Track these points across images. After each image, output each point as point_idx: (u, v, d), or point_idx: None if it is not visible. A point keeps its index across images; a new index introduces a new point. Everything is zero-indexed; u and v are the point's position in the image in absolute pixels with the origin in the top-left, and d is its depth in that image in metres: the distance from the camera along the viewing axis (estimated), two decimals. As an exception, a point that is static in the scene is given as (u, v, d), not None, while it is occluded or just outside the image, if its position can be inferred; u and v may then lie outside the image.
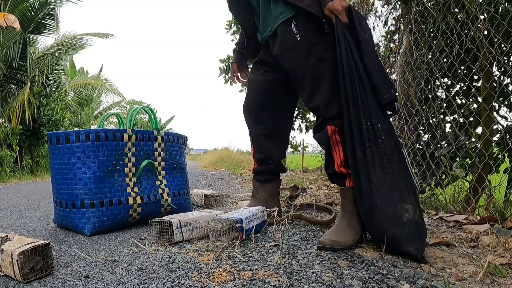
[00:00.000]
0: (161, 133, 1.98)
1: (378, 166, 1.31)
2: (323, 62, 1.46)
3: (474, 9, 1.92)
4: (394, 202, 1.29)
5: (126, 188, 1.79)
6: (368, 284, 1.00)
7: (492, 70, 1.93)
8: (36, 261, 1.13)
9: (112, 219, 1.72)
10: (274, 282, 1.01)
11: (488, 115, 1.86)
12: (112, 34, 9.99)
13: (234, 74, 1.98)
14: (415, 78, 2.37)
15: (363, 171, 1.33)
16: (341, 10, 1.37)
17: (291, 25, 1.48)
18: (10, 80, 8.55)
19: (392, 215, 1.28)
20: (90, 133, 1.70)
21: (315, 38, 1.46)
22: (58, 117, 9.42)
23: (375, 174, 1.31)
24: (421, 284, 1.00)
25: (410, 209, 1.28)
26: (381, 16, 3.01)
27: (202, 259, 1.21)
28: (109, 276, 1.11)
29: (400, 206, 1.28)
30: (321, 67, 1.46)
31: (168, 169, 2.03)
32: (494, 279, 1.06)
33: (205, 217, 1.57)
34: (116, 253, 1.36)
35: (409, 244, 1.23)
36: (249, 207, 1.65)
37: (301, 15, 1.46)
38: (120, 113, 3.47)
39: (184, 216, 1.53)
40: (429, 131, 2.39)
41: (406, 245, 1.23)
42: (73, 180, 1.69)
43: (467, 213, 1.80)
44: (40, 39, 9.32)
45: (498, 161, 2.05)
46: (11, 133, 8.17)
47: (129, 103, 25.31)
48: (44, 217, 2.30)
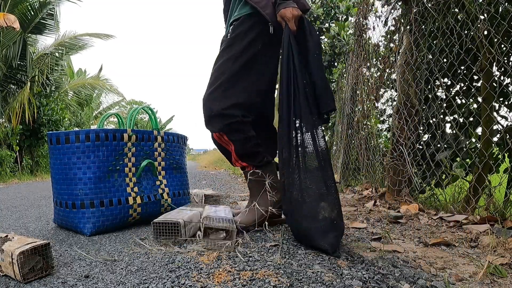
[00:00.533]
0: (161, 133, 1.98)
1: (302, 166, 1.40)
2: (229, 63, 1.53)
3: (474, 9, 1.92)
4: (312, 199, 1.37)
5: (126, 188, 1.79)
6: (368, 284, 1.00)
7: (492, 70, 1.93)
8: (36, 261, 1.13)
9: (112, 219, 1.72)
10: (274, 282, 1.01)
11: (488, 115, 1.86)
12: (112, 35, 10.00)
13: None
14: (415, 78, 2.37)
15: (287, 169, 1.42)
16: (291, 18, 1.44)
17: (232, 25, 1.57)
18: (10, 80, 8.55)
19: (310, 211, 1.36)
20: (90, 133, 1.70)
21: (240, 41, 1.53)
22: (58, 117, 9.42)
23: (298, 172, 1.40)
24: (421, 284, 1.00)
25: (327, 207, 1.35)
26: (381, 16, 3.01)
27: (202, 259, 1.21)
28: (109, 276, 1.11)
29: (317, 203, 1.36)
30: (224, 68, 1.53)
31: (168, 169, 2.03)
32: (494, 279, 1.06)
33: (196, 215, 1.59)
34: (116, 253, 1.36)
35: (322, 239, 1.30)
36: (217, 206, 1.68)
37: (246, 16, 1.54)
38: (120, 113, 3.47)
39: (184, 215, 1.53)
40: (429, 131, 2.39)
41: (318, 240, 1.30)
42: (73, 180, 1.69)
43: (467, 213, 1.80)
44: (40, 39, 9.33)
45: (498, 161, 2.05)
46: (11, 133, 8.17)
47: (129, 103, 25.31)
48: (44, 217, 2.30)
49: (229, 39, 1.55)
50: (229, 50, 1.54)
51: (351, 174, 3.81)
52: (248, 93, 1.54)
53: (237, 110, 1.52)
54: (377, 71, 3.29)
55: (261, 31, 1.53)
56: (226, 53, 1.54)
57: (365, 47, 3.35)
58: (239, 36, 1.53)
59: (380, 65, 3.14)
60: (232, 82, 1.52)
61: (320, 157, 1.40)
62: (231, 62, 1.52)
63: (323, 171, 1.40)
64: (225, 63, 1.53)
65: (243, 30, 1.53)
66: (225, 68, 1.53)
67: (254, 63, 1.54)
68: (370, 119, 3.30)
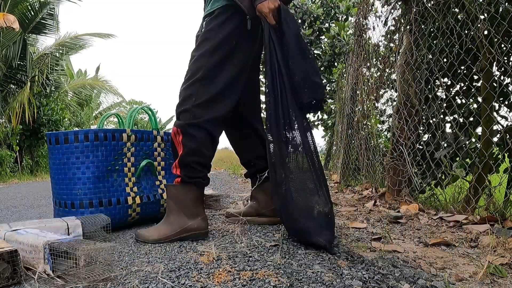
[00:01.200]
0: (160, 133, 1.98)
1: (293, 161, 1.40)
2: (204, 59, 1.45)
3: (474, 9, 1.92)
4: (306, 195, 1.36)
5: (125, 188, 1.78)
6: (368, 284, 1.00)
7: (492, 70, 1.93)
8: (4, 269, 1.04)
9: (111, 219, 1.71)
10: (274, 282, 1.01)
11: (488, 115, 1.86)
12: (113, 34, 10.02)
13: None
14: (415, 78, 2.36)
15: (278, 165, 1.39)
16: (268, 12, 1.38)
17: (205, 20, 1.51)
18: (10, 80, 8.55)
19: (304, 207, 1.35)
20: (89, 133, 1.70)
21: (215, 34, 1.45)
22: (58, 117, 9.42)
23: (290, 168, 1.39)
24: (421, 284, 1.00)
25: (321, 202, 1.36)
26: (381, 16, 3.00)
27: (202, 259, 1.21)
28: (109, 273, 1.11)
29: (311, 199, 1.36)
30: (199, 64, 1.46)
31: (168, 169, 2.03)
32: (494, 279, 1.06)
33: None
34: (116, 253, 1.36)
35: (318, 235, 1.30)
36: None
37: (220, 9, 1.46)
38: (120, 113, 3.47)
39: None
40: (429, 131, 2.39)
41: (315, 236, 1.30)
42: (72, 180, 1.69)
43: (467, 213, 1.80)
44: (41, 39, 9.34)
45: (498, 161, 2.05)
46: (11, 133, 8.17)
47: (129, 103, 25.31)
48: (44, 217, 2.30)
49: (203, 33, 1.48)
50: (204, 45, 1.47)
51: (351, 174, 3.81)
52: (223, 90, 1.48)
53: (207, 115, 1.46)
54: (377, 71, 3.29)
55: (237, 25, 1.46)
56: (201, 48, 1.47)
57: (365, 47, 3.35)
58: (213, 30, 1.45)
59: (380, 65, 3.14)
60: (207, 79, 1.46)
61: (311, 152, 1.40)
62: (206, 58, 1.45)
63: (314, 165, 1.40)
64: (200, 59, 1.47)
65: (217, 24, 1.45)
66: (200, 64, 1.46)
67: (230, 59, 1.47)
68: (370, 119, 3.30)
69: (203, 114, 1.46)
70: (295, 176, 1.39)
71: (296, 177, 1.39)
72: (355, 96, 3.70)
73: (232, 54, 1.47)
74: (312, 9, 6.01)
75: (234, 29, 1.46)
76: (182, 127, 1.46)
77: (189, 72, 1.50)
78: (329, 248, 1.27)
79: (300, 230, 1.36)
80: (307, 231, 1.33)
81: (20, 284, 1.07)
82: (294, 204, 1.36)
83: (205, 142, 1.49)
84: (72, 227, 1.45)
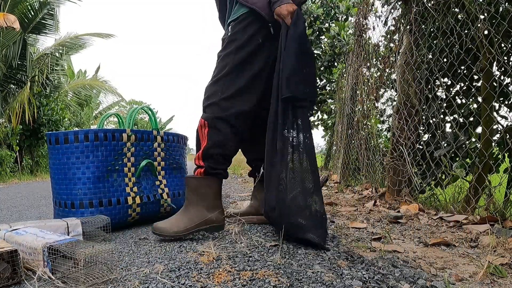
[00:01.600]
0: (160, 133, 1.98)
1: (295, 158, 1.42)
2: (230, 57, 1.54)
3: (474, 9, 1.92)
4: (305, 193, 1.39)
5: (125, 188, 1.78)
6: (368, 284, 1.00)
7: (492, 70, 1.93)
8: (4, 269, 1.04)
9: (111, 219, 1.71)
10: (274, 282, 1.01)
11: (488, 115, 1.86)
12: (112, 34, 10.01)
13: None
14: (415, 78, 2.36)
15: (280, 161, 1.42)
16: (286, 14, 1.47)
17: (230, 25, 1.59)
18: (10, 80, 8.55)
19: (301, 205, 1.38)
20: (89, 133, 1.70)
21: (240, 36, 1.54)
22: (58, 117, 9.41)
23: (291, 164, 1.42)
24: (421, 284, 1.00)
25: (318, 201, 1.39)
26: (381, 16, 3.01)
27: (202, 259, 1.21)
28: (109, 276, 1.11)
29: (309, 197, 1.39)
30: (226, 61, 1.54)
31: (168, 169, 2.03)
32: (494, 279, 1.06)
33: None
34: (115, 253, 1.36)
35: (312, 232, 1.34)
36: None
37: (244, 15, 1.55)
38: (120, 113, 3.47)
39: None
40: (429, 131, 2.39)
41: (309, 233, 1.33)
42: (72, 180, 1.69)
43: (467, 213, 1.79)
44: (41, 39, 9.33)
45: (498, 161, 2.05)
46: (11, 133, 8.17)
47: (129, 103, 25.32)
48: (44, 217, 2.30)
49: (229, 36, 1.58)
50: (229, 45, 1.57)
51: (351, 174, 3.81)
52: (247, 85, 1.56)
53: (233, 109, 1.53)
54: (377, 71, 3.29)
55: (260, 26, 1.56)
56: (227, 48, 1.57)
57: (365, 47, 3.35)
58: (238, 32, 1.56)
59: (380, 65, 3.14)
60: (233, 74, 1.54)
61: (311, 153, 1.43)
62: (231, 56, 1.55)
63: (312, 166, 1.43)
64: (226, 58, 1.56)
65: (242, 27, 1.56)
66: (225, 62, 1.56)
67: (253, 57, 1.56)
68: (370, 119, 3.30)
69: (230, 107, 1.53)
70: (294, 174, 1.41)
71: (296, 175, 1.41)
72: (355, 96, 3.70)
73: (255, 53, 1.56)
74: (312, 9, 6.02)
75: (258, 30, 1.55)
76: (210, 120, 1.53)
77: (216, 70, 1.59)
78: (323, 245, 1.32)
79: (296, 227, 1.38)
80: (302, 228, 1.36)
81: (20, 284, 1.07)
82: (292, 201, 1.39)
83: (230, 136, 1.55)
84: (71, 226, 1.45)
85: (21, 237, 1.18)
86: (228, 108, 1.52)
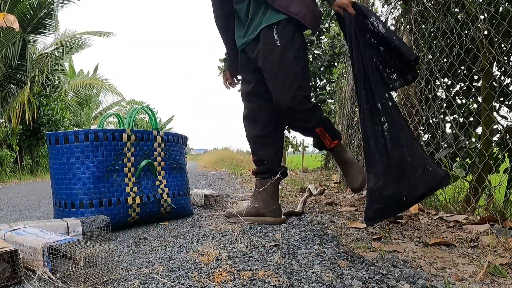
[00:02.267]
0: (160, 133, 1.98)
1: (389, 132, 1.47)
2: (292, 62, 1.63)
3: (474, 9, 1.92)
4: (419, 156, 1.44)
5: (125, 188, 1.78)
6: (368, 284, 1.00)
7: (492, 70, 1.93)
8: (4, 269, 1.04)
9: (111, 219, 1.71)
10: (274, 282, 1.01)
11: (488, 115, 1.86)
12: (112, 32, 9.98)
13: (228, 81, 2.11)
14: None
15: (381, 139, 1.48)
16: (348, 3, 1.56)
17: (273, 30, 1.64)
18: (10, 80, 8.55)
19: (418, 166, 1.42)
20: (89, 133, 1.70)
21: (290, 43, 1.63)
22: (58, 117, 9.42)
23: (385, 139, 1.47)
24: (421, 284, 1.00)
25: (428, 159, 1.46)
26: (381, 16, 3.00)
27: (202, 259, 1.21)
28: (108, 276, 1.11)
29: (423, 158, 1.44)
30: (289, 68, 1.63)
31: (168, 169, 2.03)
32: (494, 279, 1.06)
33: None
34: (115, 253, 1.36)
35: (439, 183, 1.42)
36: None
37: (284, 21, 1.63)
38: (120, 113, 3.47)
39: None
40: (429, 131, 2.39)
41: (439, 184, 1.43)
42: (72, 180, 1.69)
43: (467, 213, 1.80)
44: (40, 39, 9.32)
45: (498, 161, 2.05)
46: (11, 133, 8.17)
47: (129, 103, 25.31)
48: (44, 217, 2.30)
49: (282, 44, 1.63)
50: (288, 53, 1.63)
51: (351, 174, 3.80)
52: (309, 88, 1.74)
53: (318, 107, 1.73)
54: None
55: (301, 32, 1.70)
56: (287, 55, 1.63)
57: (365, 47, 3.34)
58: (289, 39, 1.64)
59: (380, 65, 3.13)
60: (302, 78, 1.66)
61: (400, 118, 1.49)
62: (295, 63, 1.64)
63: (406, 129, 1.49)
64: (290, 65, 1.64)
65: (289, 33, 1.64)
66: (291, 69, 1.64)
67: (306, 61, 1.72)
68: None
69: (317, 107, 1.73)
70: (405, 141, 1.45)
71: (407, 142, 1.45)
72: (355, 96, 3.69)
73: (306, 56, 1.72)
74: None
75: (300, 35, 1.69)
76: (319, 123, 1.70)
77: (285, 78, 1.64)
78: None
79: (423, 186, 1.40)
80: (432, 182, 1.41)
81: (20, 284, 1.07)
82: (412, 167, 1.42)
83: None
84: (71, 226, 1.45)
85: (21, 237, 1.18)
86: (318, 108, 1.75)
